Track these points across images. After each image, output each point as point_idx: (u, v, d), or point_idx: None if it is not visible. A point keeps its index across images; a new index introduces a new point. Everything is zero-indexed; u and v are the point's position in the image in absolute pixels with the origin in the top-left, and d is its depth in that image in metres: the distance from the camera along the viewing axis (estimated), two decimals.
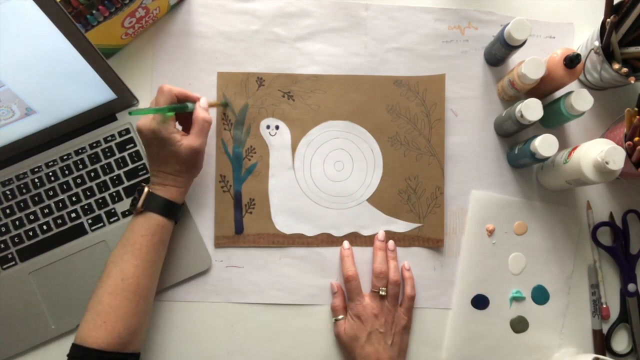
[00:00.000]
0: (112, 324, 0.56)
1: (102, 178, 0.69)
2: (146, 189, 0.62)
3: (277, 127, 0.71)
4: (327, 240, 0.70)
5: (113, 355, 0.56)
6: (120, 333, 0.56)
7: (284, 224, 0.70)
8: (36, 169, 0.69)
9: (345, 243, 0.70)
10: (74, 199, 0.68)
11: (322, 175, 0.71)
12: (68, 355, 0.56)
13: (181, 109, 0.61)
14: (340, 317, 0.66)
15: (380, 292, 0.65)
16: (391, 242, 0.69)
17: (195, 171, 0.65)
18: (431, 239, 0.70)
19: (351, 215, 0.71)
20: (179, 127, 0.65)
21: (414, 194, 0.70)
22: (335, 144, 0.72)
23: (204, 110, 0.62)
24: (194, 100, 0.64)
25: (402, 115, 0.71)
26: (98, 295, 0.58)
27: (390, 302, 0.66)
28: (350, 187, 0.71)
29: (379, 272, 0.66)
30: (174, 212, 0.62)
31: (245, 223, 0.70)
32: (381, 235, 0.69)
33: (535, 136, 0.64)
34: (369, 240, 0.70)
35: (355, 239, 0.70)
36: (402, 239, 0.70)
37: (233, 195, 0.70)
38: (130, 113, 0.56)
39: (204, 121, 0.61)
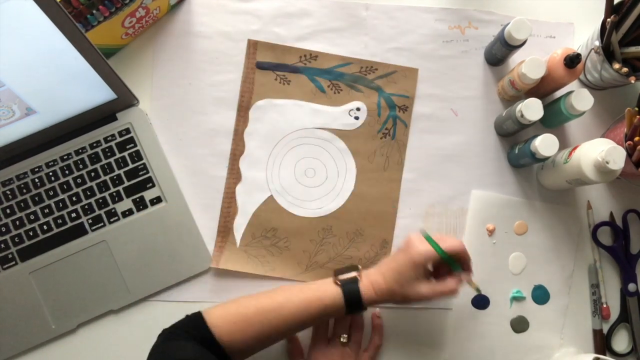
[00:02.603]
0: (238, 329, 0.56)
1: (102, 178, 0.69)
2: (355, 273, 0.60)
3: (356, 118, 0.72)
4: (237, 152, 0.70)
5: (215, 347, 0.55)
6: (235, 341, 0.56)
7: (260, 107, 0.71)
8: (36, 169, 0.69)
9: None
10: (74, 198, 0.68)
11: (300, 156, 0.72)
12: (188, 315, 0.58)
13: (450, 264, 0.60)
14: None
15: (341, 340, 0.63)
16: None
17: (398, 303, 0.61)
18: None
19: (259, 176, 0.71)
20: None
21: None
22: (332, 171, 0.71)
23: (459, 283, 0.59)
24: (465, 268, 0.61)
25: (351, 248, 0.71)
26: (248, 301, 0.59)
27: (353, 348, 0.64)
28: (288, 182, 0.71)
29: (340, 318, 0.65)
30: (354, 308, 0.59)
31: (265, 72, 0.72)
32: None
33: (535, 136, 0.64)
34: (231, 192, 0.70)
35: (233, 179, 0.70)
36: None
37: (292, 64, 0.72)
38: (422, 233, 0.59)
39: (449, 290, 0.59)
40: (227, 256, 0.69)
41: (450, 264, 0.60)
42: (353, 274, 0.60)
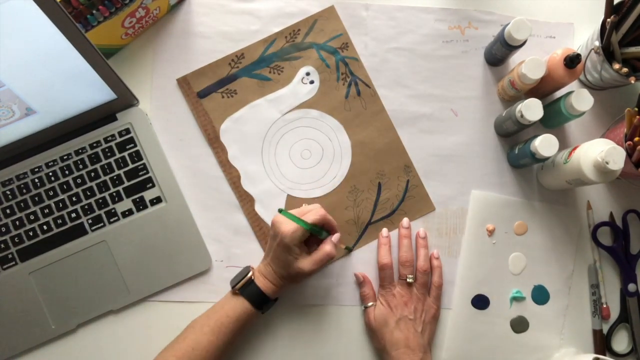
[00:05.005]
0: None
1: (102, 178, 0.69)
2: (250, 274, 0.63)
3: (311, 82, 0.72)
4: (234, 178, 0.71)
5: None
6: None
7: (226, 129, 0.71)
8: (36, 169, 0.69)
9: (384, 231, 0.70)
10: (74, 199, 0.68)
11: (290, 144, 0.72)
12: None
13: (317, 233, 0.63)
14: (370, 304, 0.67)
15: (408, 280, 0.66)
16: (422, 230, 0.70)
17: (294, 284, 0.66)
18: None
19: (267, 187, 0.71)
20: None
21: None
22: (324, 141, 0.72)
23: (333, 246, 0.63)
24: (332, 232, 0.65)
25: (381, 186, 0.71)
26: (165, 355, 0.60)
27: (419, 290, 0.66)
28: (292, 173, 0.71)
29: (405, 260, 0.67)
30: (264, 305, 0.63)
31: (210, 96, 0.71)
32: (405, 222, 0.70)
33: (535, 136, 0.64)
34: (253, 214, 0.70)
35: (247, 203, 0.70)
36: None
37: (229, 73, 0.72)
38: (279, 211, 0.61)
39: (326, 255, 0.62)
40: None
41: (316, 233, 0.62)
42: (248, 275, 0.63)
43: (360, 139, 0.72)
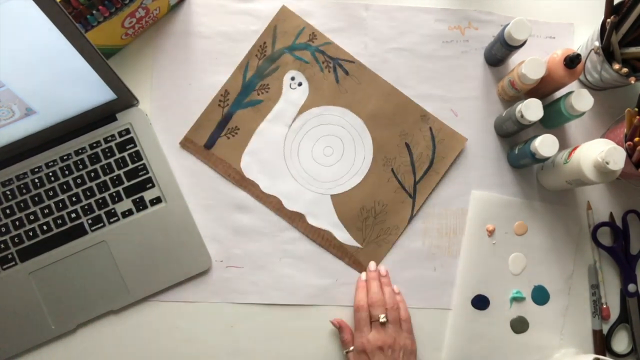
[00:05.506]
0: None
1: (102, 178, 0.69)
2: None
3: (299, 84, 0.72)
4: (275, 205, 0.70)
5: None
6: None
7: (247, 165, 0.71)
8: (36, 169, 0.69)
9: (363, 275, 0.69)
10: (74, 199, 0.68)
11: (309, 149, 0.72)
12: None
13: None
14: (352, 348, 0.66)
15: (380, 320, 0.64)
16: (383, 268, 0.69)
17: None
18: (361, 265, 0.70)
19: (309, 198, 0.71)
20: None
21: (374, 218, 0.70)
22: (338, 131, 0.72)
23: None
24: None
25: (409, 145, 0.71)
26: None
27: (392, 327, 0.65)
28: (325, 174, 0.71)
29: (375, 300, 0.66)
30: None
31: (217, 143, 0.71)
32: (372, 266, 0.69)
33: (535, 136, 0.64)
34: (309, 229, 0.70)
35: (299, 221, 0.70)
36: (337, 247, 0.70)
37: (224, 114, 0.71)
38: None
39: None
40: (366, 257, 0.70)
41: None
42: None
43: (368, 112, 0.72)
